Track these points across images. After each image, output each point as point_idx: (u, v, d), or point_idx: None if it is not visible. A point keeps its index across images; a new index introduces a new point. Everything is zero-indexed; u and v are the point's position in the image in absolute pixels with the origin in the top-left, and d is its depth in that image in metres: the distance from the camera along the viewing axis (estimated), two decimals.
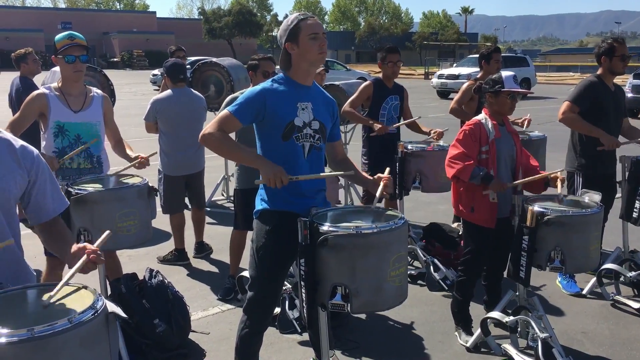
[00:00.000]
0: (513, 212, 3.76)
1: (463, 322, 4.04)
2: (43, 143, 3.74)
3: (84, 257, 2.04)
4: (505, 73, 3.86)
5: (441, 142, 5.26)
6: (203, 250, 5.73)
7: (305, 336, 3.99)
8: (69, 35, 3.61)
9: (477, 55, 6.29)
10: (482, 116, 3.86)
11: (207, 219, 6.03)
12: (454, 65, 31.57)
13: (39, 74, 6.64)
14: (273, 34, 75.92)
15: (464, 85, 5.90)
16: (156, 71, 28.45)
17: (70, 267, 2.08)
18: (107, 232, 2.15)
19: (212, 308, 4.56)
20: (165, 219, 5.50)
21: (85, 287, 1.96)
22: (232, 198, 7.60)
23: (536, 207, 3.43)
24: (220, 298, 4.70)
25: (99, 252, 2.07)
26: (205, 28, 67.20)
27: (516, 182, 3.77)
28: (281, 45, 2.92)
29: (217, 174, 7.79)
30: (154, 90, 26.52)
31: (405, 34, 77.64)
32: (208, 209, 6.72)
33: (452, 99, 22.64)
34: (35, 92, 3.73)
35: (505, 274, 3.92)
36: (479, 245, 3.91)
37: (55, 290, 1.91)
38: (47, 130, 3.68)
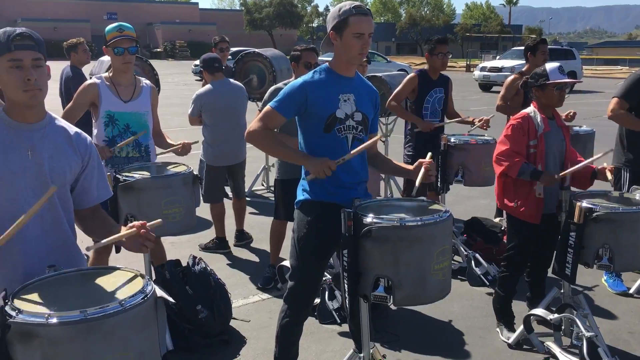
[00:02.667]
0: (560, 208, 3.68)
1: (505, 318, 3.98)
2: (95, 131, 3.83)
3: (132, 229, 2.08)
4: (550, 64, 3.77)
5: (485, 136, 5.17)
6: (243, 239, 5.79)
7: (345, 327, 4.00)
8: (118, 27, 3.68)
9: (522, 48, 6.16)
10: (531, 109, 3.77)
11: (248, 209, 6.09)
12: (497, 57, 31.00)
13: (88, 64, 6.80)
14: (314, 25, 75.91)
15: (508, 80, 5.78)
16: (198, 62, 28.79)
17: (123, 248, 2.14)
18: (159, 220, 2.19)
19: (252, 296, 4.61)
20: (207, 208, 5.58)
21: (136, 272, 2.00)
22: (272, 188, 7.66)
23: (584, 203, 3.35)
24: (260, 287, 4.75)
25: (147, 227, 2.10)
26: (247, 19, 67.57)
27: (566, 171, 3.67)
28: (327, 29, 2.91)
29: (258, 164, 7.85)
30: (196, 80, 26.89)
31: (447, 26, 76.51)
32: (248, 199, 6.78)
33: (494, 92, 22.05)
34: (87, 82, 3.82)
35: (550, 270, 3.85)
36: (523, 241, 3.84)
37: (102, 242, 2.03)
38: (98, 120, 3.76)
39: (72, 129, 2.24)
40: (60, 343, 1.67)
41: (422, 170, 2.87)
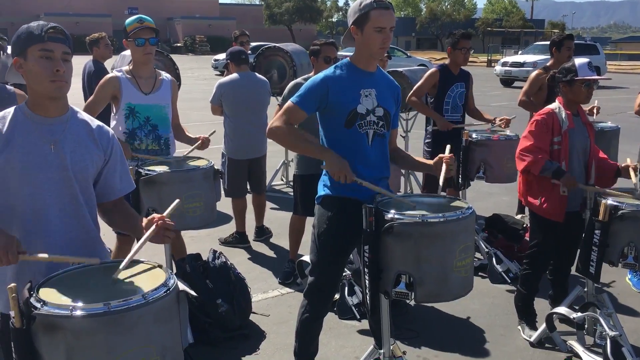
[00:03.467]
0: (584, 206, 3.62)
1: (527, 316, 3.94)
2: (113, 123, 3.85)
3: (153, 227, 2.09)
4: (579, 60, 3.70)
5: (507, 132, 5.11)
6: (263, 234, 5.81)
7: (364, 323, 3.99)
8: (138, 18, 3.70)
9: (544, 43, 6.09)
10: (556, 105, 3.71)
11: (267, 204, 6.10)
12: (519, 52, 30.64)
13: (109, 58, 6.85)
14: (333, 19, 75.71)
15: (532, 75, 5.70)
16: (218, 56, 28.88)
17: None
18: (177, 200, 2.20)
19: (271, 291, 4.62)
20: (227, 202, 5.59)
21: (159, 266, 2.01)
22: (291, 183, 7.67)
23: (610, 201, 3.29)
24: (280, 281, 4.76)
25: (167, 219, 2.11)
26: (266, 14, 67.68)
27: (589, 187, 3.61)
28: (348, 23, 2.89)
29: (277, 159, 7.86)
30: (216, 75, 26.96)
31: (468, 20, 75.76)
32: (267, 194, 6.79)
33: (516, 87, 21.84)
34: (108, 76, 3.84)
35: (573, 269, 3.79)
36: (546, 238, 3.78)
37: (126, 259, 1.99)
38: (119, 112, 3.78)
39: (94, 122, 2.25)
40: (84, 335, 1.69)
41: (444, 167, 2.84)
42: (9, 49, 4.17)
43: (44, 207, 2.07)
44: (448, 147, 2.99)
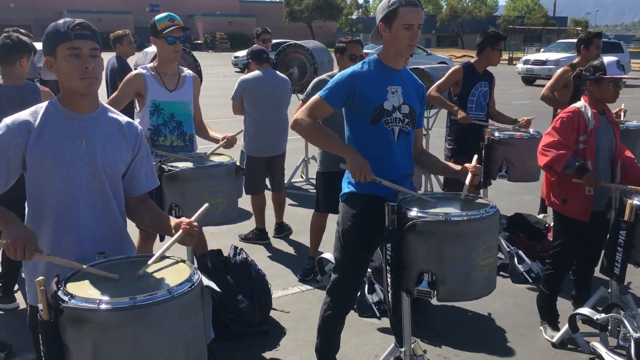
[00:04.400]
0: (609, 206, 3.58)
1: (549, 316, 3.90)
2: (137, 120, 3.88)
3: (180, 231, 2.11)
4: (607, 58, 3.65)
5: (531, 130, 5.05)
6: (283, 230, 5.82)
7: (384, 321, 3.99)
8: (168, 17, 3.72)
9: (567, 40, 6.04)
10: (582, 104, 3.66)
11: (287, 201, 6.11)
12: (542, 50, 30.30)
13: (132, 55, 6.92)
14: (353, 17, 75.50)
15: (558, 71, 5.65)
16: (238, 53, 28.99)
17: (169, 236, 2.17)
18: (206, 205, 2.21)
19: (291, 287, 4.63)
20: (247, 199, 5.61)
21: (183, 261, 2.03)
22: (311, 180, 7.68)
23: (635, 201, 3.24)
24: (299, 278, 4.77)
25: (195, 225, 2.13)
26: (286, 11, 67.71)
27: (613, 184, 3.56)
28: (376, 20, 2.89)
29: (297, 156, 7.87)
30: (236, 72, 27.08)
31: (489, 18, 75.02)
32: (287, 191, 6.80)
33: (537, 85, 21.57)
34: (134, 72, 3.87)
35: (597, 269, 3.75)
36: (570, 238, 3.74)
37: (152, 259, 2.00)
38: (144, 109, 3.82)
39: (124, 118, 2.27)
40: (111, 329, 1.71)
41: (469, 176, 2.82)
42: (37, 46, 4.23)
43: (75, 201, 2.10)
44: (475, 157, 2.96)
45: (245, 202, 5.76)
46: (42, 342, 1.77)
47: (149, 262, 2.00)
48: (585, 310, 3.61)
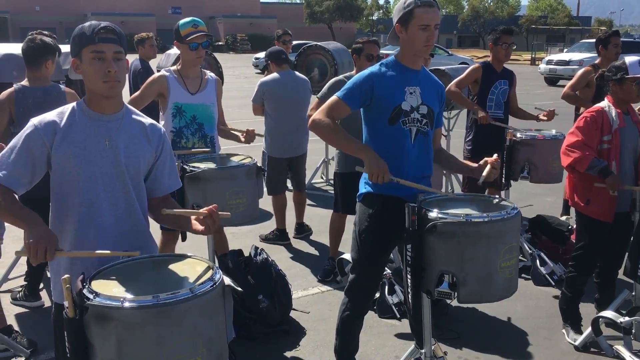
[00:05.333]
0: (633, 207, 3.53)
1: (572, 319, 3.86)
2: (161, 123, 3.94)
3: (204, 211, 2.11)
4: (630, 58, 3.60)
5: (553, 131, 5.00)
6: (303, 231, 5.84)
7: (404, 322, 3.98)
8: (192, 22, 3.76)
9: (591, 40, 5.97)
10: (606, 103, 3.62)
11: (307, 201, 6.13)
12: (565, 50, 29.93)
13: (153, 58, 7.00)
14: (373, 17, 75.36)
15: (580, 71, 5.59)
16: (259, 54, 29.09)
17: (191, 233, 2.20)
18: (227, 213, 2.23)
19: (311, 288, 4.65)
20: (267, 199, 5.64)
21: (206, 261, 2.05)
22: (331, 181, 7.68)
23: None
24: (319, 279, 4.78)
25: (215, 210, 2.13)
26: (307, 12, 67.80)
27: (637, 187, 3.51)
28: (393, 21, 2.89)
29: (318, 156, 7.88)
30: (256, 73, 27.18)
31: (511, 18, 74.26)
32: (307, 191, 6.82)
33: (560, 86, 21.21)
34: (157, 74, 3.93)
35: (621, 272, 3.70)
36: (593, 240, 3.70)
37: (178, 211, 2.13)
38: (166, 111, 3.86)
39: (147, 120, 2.31)
40: (134, 326, 1.74)
41: (488, 166, 2.80)
42: (62, 48, 4.30)
43: (98, 201, 2.14)
44: (496, 155, 2.94)
45: (265, 202, 5.79)
46: (67, 339, 1.81)
47: (174, 210, 2.12)
48: (608, 313, 3.56)
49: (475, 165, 2.93)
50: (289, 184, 5.79)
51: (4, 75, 5.19)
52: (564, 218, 5.76)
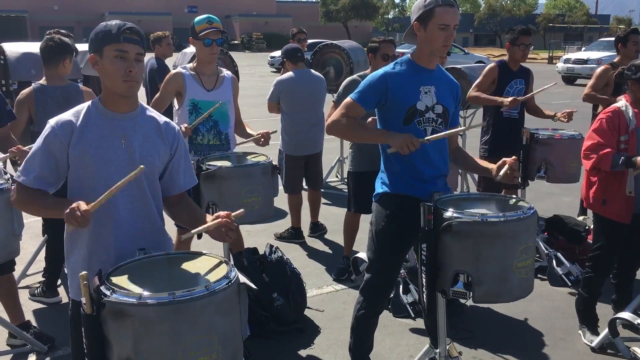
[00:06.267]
0: None
1: (588, 320, 3.82)
2: (175, 119, 3.96)
3: (218, 219, 2.13)
4: None
5: (571, 131, 4.95)
6: (317, 230, 5.84)
7: (419, 321, 3.97)
8: (207, 19, 3.78)
9: (610, 39, 5.89)
10: (622, 103, 3.58)
11: (322, 200, 6.13)
12: (583, 49, 29.62)
13: (170, 57, 7.05)
14: (389, 16, 75.12)
15: (599, 70, 5.53)
16: (274, 53, 29.15)
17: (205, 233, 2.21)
18: (241, 210, 2.24)
19: (326, 287, 4.65)
20: (282, 198, 5.65)
21: (221, 258, 2.06)
22: (345, 180, 7.68)
23: None
24: (334, 278, 4.78)
25: (232, 218, 2.15)
26: (322, 11, 67.78)
27: None
28: (411, 19, 2.87)
29: (332, 155, 7.88)
30: (272, 72, 27.24)
31: (528, 16, 73.59)
32: (322, 190, 6.82)
33: (578, 85, 20.95)
34: (173, 72, 3.95)
35: (638, 273, 3.66)
36: (610, 241, 3.66)
37: (192, 232, 2.13)
38: (182, 108, 3.89)
39: (162, 118, 2.33)
40: (151, 323, 1.75)
41: (506, 166, 2.77)
42: (79, 47, 4.35)
43: (114, 199, 2.16)
44: (514, 157, 2.91)
45: (280, 200, 5.81)
46: (84, 335, 1.83)
47: (192, 231, 2.12)
48: (626, 315, 3.53)
49: (493, 165, 2.90)
50: (304, 182, 5.79)
51: (22, 74, 5.27)
52: (581, 218, 5.71)
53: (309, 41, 9.57)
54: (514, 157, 2.81)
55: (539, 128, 5.11)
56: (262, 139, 3.85)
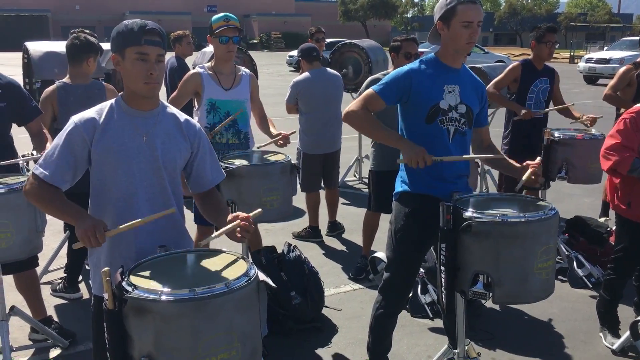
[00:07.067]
0: None
1: (609, 323, 3.78)
2: (195, 118, 3.99)
3: (236, 222, 2.14)
4: None
5: (593, 131, 4.89)
6: (335, 229, 5.84)
7: (437, 322, 3.95)
8: (224, 17, 3.81)
9: (632, 38, 5.81)
10: None
11: (340, 199, 6.13)
12: (605, 48, 29.23)
13: (190, 56, 7.10)
14: (408, 15, 74.82)
15: (621, 70, 5.45)
16: (292, 52, 29.19)
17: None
18: (259, 210, 2.25)
19: (344, 286, 4.65)
20: (300, 196, 5.66)
21: (240, 256, 2.07)
22: (364, 179, 7.67)
23: None
24: (352, 277, 4.78)
25: (250, 220, 2.17)
26: (341, 10, 67.70)
27: None
28: (434, 19, 2.86)
29: (351, 154, 7.87)
30: (290, 71, 27.29)
31: (549, 15, 72.70)
32: (340, 189, 6.82)
33: (600, 85, 20.78)
34: (191, 72, 3.98)
35: None
36: (633, 243, 3.60)
37: (207, 239, 2.12)
38: (201, 107, 3.92)
39: (182, 116, 2.34)
40: (171, 319, 1.77)
41: (530, 170, 2.75)
42: (102, 45, 4.39)
43: (135, 195, 2.18)
44: (539, 158, 2.88)
45: (299, 199, 5.82)
46: (106, 330, 1.85)
47: (209, 238, 2.12)
48: None
49: (518, 165, 2.88)
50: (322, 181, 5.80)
51: (46, 73, 5.34)
52: (602, 219, 5.64)
53: (328, 40, 9.60)
54: (537, 160, 2.79)
55: (560, 128, 5.05)
56: (281, 141, 3.86)
